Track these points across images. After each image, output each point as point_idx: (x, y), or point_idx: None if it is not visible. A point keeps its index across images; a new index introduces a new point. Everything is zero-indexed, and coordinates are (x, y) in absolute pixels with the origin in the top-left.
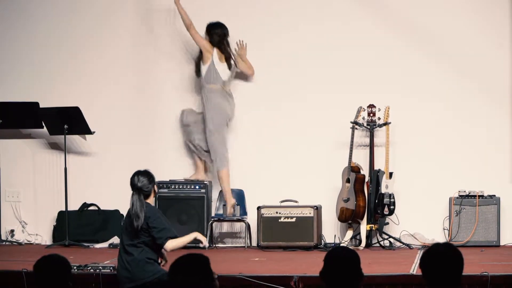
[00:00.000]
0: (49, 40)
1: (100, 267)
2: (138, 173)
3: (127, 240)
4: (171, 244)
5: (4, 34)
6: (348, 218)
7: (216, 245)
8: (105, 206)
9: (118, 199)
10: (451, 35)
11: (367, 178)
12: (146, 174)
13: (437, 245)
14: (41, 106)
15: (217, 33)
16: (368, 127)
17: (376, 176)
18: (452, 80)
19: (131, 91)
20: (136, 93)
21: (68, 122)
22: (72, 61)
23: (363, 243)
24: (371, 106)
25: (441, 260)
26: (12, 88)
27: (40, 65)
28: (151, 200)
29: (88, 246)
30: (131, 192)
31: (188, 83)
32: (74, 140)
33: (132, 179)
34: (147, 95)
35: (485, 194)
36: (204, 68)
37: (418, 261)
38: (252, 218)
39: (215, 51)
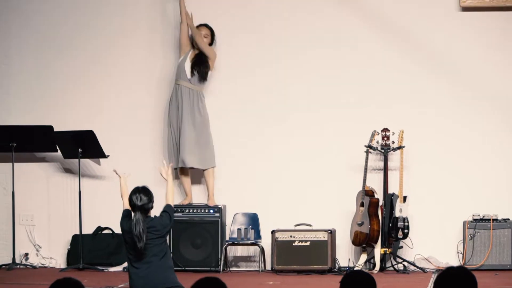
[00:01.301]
0: (64, 64)
1: None
2: (137, 191)
3: (143, 250)
4: (170, 200)
5: (18, 57)
6: (362, 241)
7: (230, 269)
8: (119, 230)
9: None
10: (466, 58)
11: (381, 202)
12: (145, 191)
13: (451, 269)
14: (55, 129)
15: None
16: (382, 150)
17: (390, 199)
18: (467, 104)
19: (146, 116)
20: (151, 118)
21: (82, 146)
22: (86, 85)
23: (377, 267)
24: (385, 130)
25: (455, 284)
26: (27, 111)
27: (55, 89)
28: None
29: (102, 269)
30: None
31: None
32: (88, 163)
33: (131, 197)
34: (161, 120)
35: (499, 218)
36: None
37: (432, 285)
38: (266, 241)
39: (188, 53)
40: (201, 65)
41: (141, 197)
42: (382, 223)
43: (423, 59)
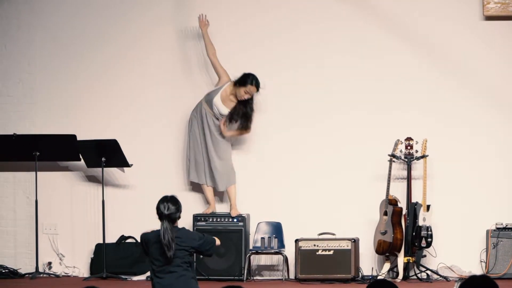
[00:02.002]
0: (87, 74)
1: None
2: (165, 200)
3: (168, 262)
4: (216, 240)
5: (41, 67)
6: (385, 250)
7: (254, 278)
8: None
9: None
10: (490, 68)
11: (404, 211)
12: (173, 200)
13: (474, 278)
14: (78, 138)
15: (249, 81)
16: (406, 160)
17: (413, 208)
18: (490, 114)
19: (169, 125)
20: (173, 127)
21: (105, 155)
22: (109, 94)
23: (400, 276)
24: (409, 139)
25: None
26: (50, 120)
27: (78, 98)
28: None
29: (126, 278)
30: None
31: None
32: (112, 172)
33: (159, 206)
34: (183, 129)
35: None
36: (213, 88)
37: None
38: (289, 250)
39: (229, 85)
40: (247, 120)
41: (168, 206)
42: (405, 232)
43: (447, 68)
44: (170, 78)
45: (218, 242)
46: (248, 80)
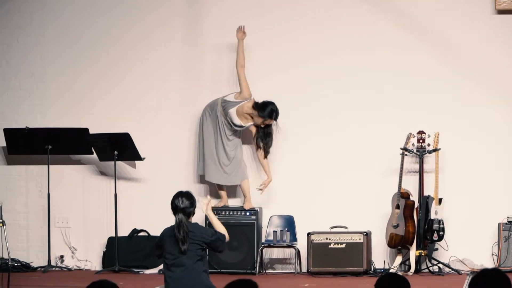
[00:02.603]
0: (98, 66)
1: None
2: (180, 195)
3: (180, 255)
4: (226, 236)
5: (53, 61)
6: (397, 244)
7: (266, 271)
8: (155, 232)
9: (168, 225)
10: (503, 61)
11: (416, 204)
12: (188, 195)
13: (485, 271)
14: (90, 132)
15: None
16: (418, 153)
17: (425, 202)
18: (501, 108)
19: (180, 119)
20: (185, 121)
21: (118, 148)
22: (121, 87)
23: (412, 269)
24: (421, 132)
25: (490, 286)
26: (62, 114)
27: (90, 91)
28: (190, 220)
29: (138, 272)
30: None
31: None
32: (124, 166)
33: (174, 200)
34: (194, 123)
35: None
36: (232, 95)
37: (467, 287)
38: (302, 244)
39: (248, 102)
40: (268, 140)
41: (183, 200)
42: (417, 225)
43: (459, 63)
44: (181, 73)
45: (227, 237)
46: (267, 113)
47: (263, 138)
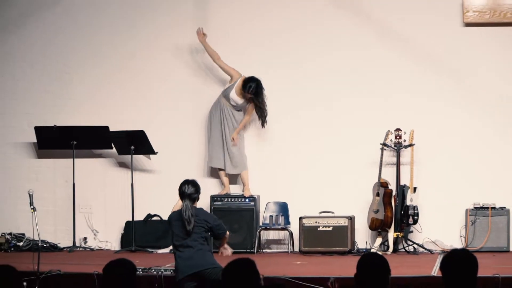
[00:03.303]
0: (117, 71)
1: (162, 270)
2: (186, 182)
3: (188, 238)
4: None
5: (77, 66)
6: (377, 227)
7: (263, 251)
8: (167, 217)
9: None
10: (469, 67)
11: (394, 192)
12: (193, 183)
13: (455, 251)
14: (110, 129)
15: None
16: (395, 148)
17: (402, 190)
18: (469, 108)
19: (190, 117)
20: (194, 119)
21: (134, 144)
22: (137, 89)
23: (391, 249)
24: (398, 130)
25: (459, 264)
26: (85, 113)
27: (109, 93)
28: (195, 205)
29: (152, 251)
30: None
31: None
32: (140, 159)
33: (181, 187)
34: (203, 120)
35: (497, 206)
36: (227, 84)
37: (439, 265)
38: (294, 227)
39: (241, 80)
40: (260, 112)
41: (189, 187)
42: (395, 210)
43: (433, 68)
44: (192, 75)
45: (228, 234)
46: (246, 88)
47: (257, 110)
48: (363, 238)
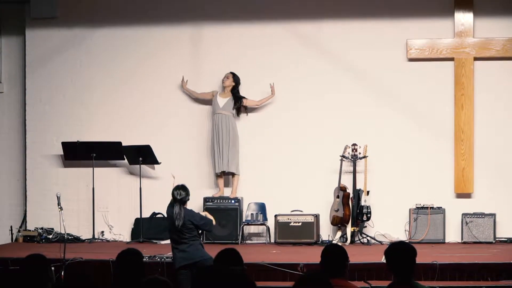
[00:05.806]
0: (129, 95)
1: (164, 257)
2: (177, 188)
3: (182, 235)
4: (213, 221)
5: (97, 94)
6: (338, 223)
7: (246, 242)
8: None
9: None
10: (412, 96)
11: (351, 195)
12: (183, 188)
13: (393, 243)
14: (123, 144)
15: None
16: (352, 159)
17: (357, 193)
18: (410, 127)
19: (189, 130)
20: (193, 132)
21: (142, 156)
22: (145, 110)
23: (349, 241)
24: (354, 144)
25: (397, 253)
26: (102, 131)
27: (122, 115)
28: (185, 206)
29: (156, 242)
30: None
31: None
32: (147, 168)
33: (173, 192)
34: (200, 133)
35: (435, 206)
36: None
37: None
38: (271, 223)
39: (217, 93)
40: (239, 99)
41: (180, 192)
42: (352, 209)
43: (382, 96)
44: (189, 100)
45: (214, 221)
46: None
47: (236, 99)
48: (326, 232)
